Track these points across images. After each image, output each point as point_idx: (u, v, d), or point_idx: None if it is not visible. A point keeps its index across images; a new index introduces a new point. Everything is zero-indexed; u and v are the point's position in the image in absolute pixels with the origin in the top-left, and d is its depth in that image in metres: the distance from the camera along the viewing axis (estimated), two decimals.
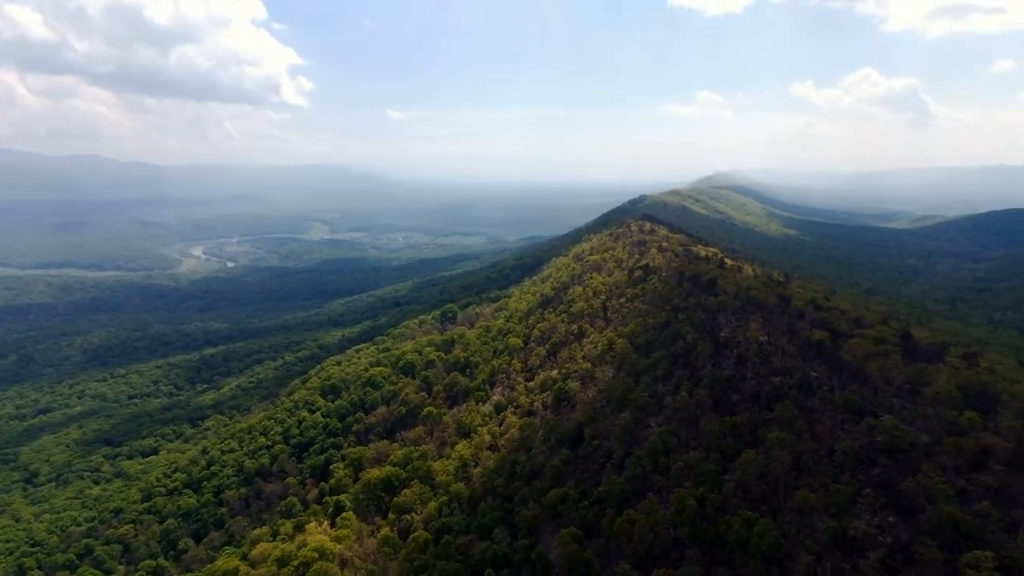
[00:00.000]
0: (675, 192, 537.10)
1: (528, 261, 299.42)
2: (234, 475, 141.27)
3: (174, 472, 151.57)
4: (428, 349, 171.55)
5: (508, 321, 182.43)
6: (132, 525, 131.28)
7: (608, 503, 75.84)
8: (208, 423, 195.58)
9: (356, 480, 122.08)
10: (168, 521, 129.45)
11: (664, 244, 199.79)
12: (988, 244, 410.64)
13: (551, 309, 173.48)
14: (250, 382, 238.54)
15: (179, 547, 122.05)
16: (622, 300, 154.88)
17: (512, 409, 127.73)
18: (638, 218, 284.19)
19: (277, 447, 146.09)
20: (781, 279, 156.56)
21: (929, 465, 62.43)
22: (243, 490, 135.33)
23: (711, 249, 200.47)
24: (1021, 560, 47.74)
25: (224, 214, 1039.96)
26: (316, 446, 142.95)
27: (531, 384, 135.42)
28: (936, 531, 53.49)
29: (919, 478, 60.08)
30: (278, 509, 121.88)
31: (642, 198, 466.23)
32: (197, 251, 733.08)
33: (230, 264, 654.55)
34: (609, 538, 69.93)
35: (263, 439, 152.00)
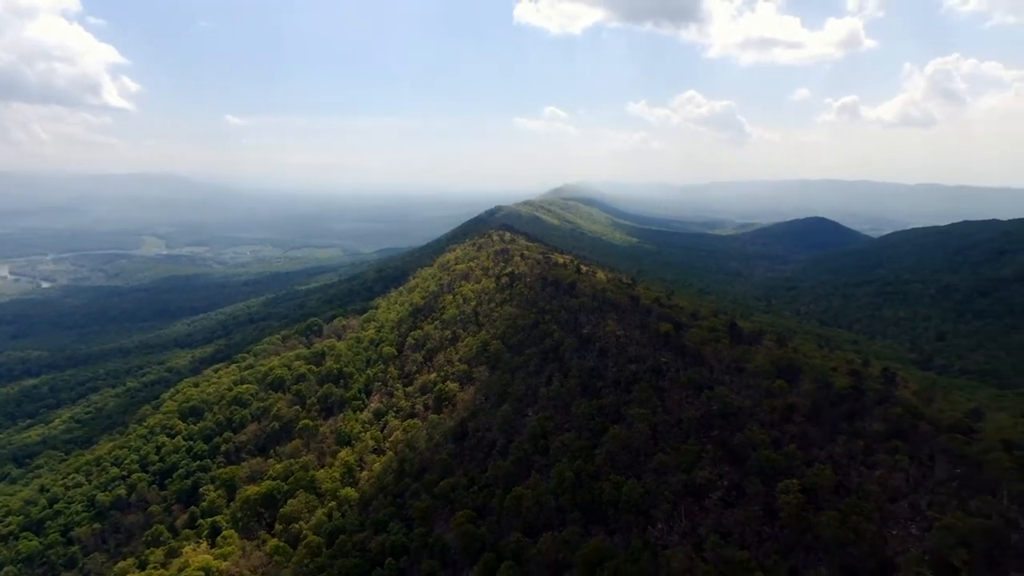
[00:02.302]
0: (528, 203, 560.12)
1: (391, 272, 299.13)
2: (84, 511, 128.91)
3: (6, 516, 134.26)
4: (297, 363, 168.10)
5: (379, 331, 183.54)
6: None
7: (496, 485, 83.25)
8: (40, 460, 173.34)
9: (231, 500, 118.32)
10: (7, 568, 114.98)
11: (525, 252, 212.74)
12: (794, 248, 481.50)
13: (423, 317, 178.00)
14: (87, 413, 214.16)
15: None
16: (492, 305, 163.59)
17: (393, 413, 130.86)
18: (497, 228, 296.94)
19: (134, 476, 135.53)
20: (629, 282, 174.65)
21: (752, 423, 77.50)
22: (96, 525, 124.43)
23: (567, 257, 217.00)
24: (816, 484, 62.87)
25: (34, 228, 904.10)
26: (180, 471, 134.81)
27: (410, 389, 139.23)
28: (759, 471, 67.93)
29: (745, 433, 74.73)
30: (143, 539, 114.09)
31: (497, 209, 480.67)
32: (2, 271, 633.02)
33: (45, 284, 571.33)
34: (500, 514, 77.18)
35: (116, 470, 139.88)
